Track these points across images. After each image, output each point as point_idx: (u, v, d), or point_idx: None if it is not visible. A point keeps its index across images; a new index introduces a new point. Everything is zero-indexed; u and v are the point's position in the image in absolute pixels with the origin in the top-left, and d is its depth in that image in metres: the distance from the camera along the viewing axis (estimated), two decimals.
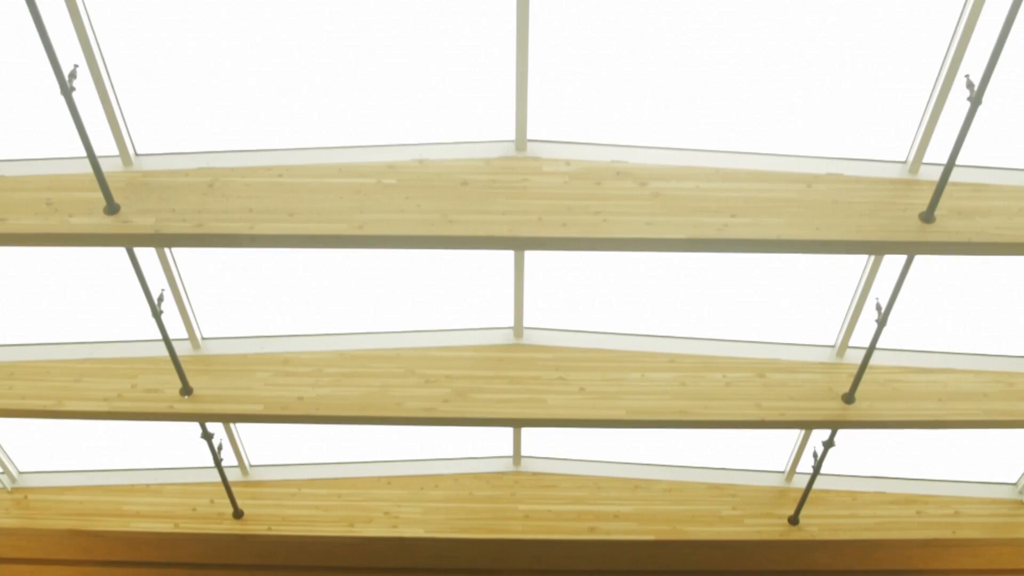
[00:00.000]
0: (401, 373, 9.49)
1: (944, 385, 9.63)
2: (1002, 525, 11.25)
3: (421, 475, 11.32)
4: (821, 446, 10.27)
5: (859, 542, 11.27)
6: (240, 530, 11.07)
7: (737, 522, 11.14)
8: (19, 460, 11.45)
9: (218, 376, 9.61)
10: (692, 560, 11.69)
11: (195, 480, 11.40)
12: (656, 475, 11.32)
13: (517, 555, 11.55)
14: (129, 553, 11.94)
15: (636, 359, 9.60)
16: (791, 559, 11.72)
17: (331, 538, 11.10)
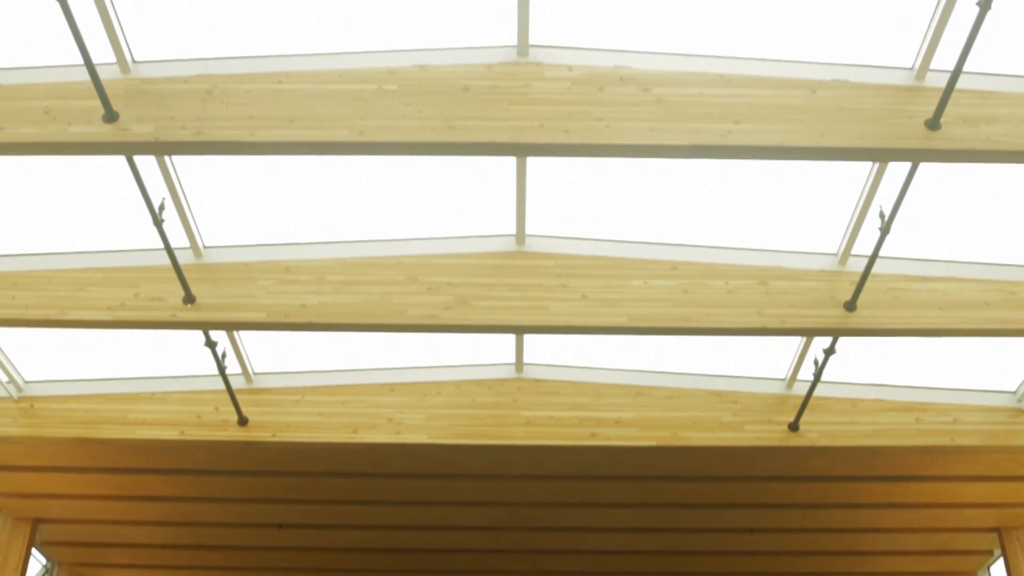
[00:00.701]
0: (403, 280, 9.49)
1: (945, 293, 9.62)
2: (1000, 432, 11.31)
3: (424, 382, 11.37)
4: (822, 353, 10.29)
5: (858, 449, 11.35)
6: (244, 437, 11.16)
7: (737, 428, 11.21)
8: (25, 370, 11.50)
9: (220, 284, 9.61)
10: (692, 466, 11.81)
11: (199, 388, 11.45)
12: (657, 382, 11.37)
13: (519, 461, 11.66)
14: (135, 460, 12.05)
15: (638, 266, 9.59)
16: (791, 465, 11.83)
17: (334, 444, 11.20)
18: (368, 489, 12.68)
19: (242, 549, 14.57)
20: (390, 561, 14.68)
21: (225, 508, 13.37)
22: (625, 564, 14.66)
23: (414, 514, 13.34)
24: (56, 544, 14.61)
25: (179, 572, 15.43)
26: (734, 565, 14.62)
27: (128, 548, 14.71)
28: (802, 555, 14.44)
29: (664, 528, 13.62)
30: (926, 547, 14.19)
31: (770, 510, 13.05)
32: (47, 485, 12.78)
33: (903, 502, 12.85)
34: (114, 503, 13.25)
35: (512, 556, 14.48)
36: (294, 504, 13.12)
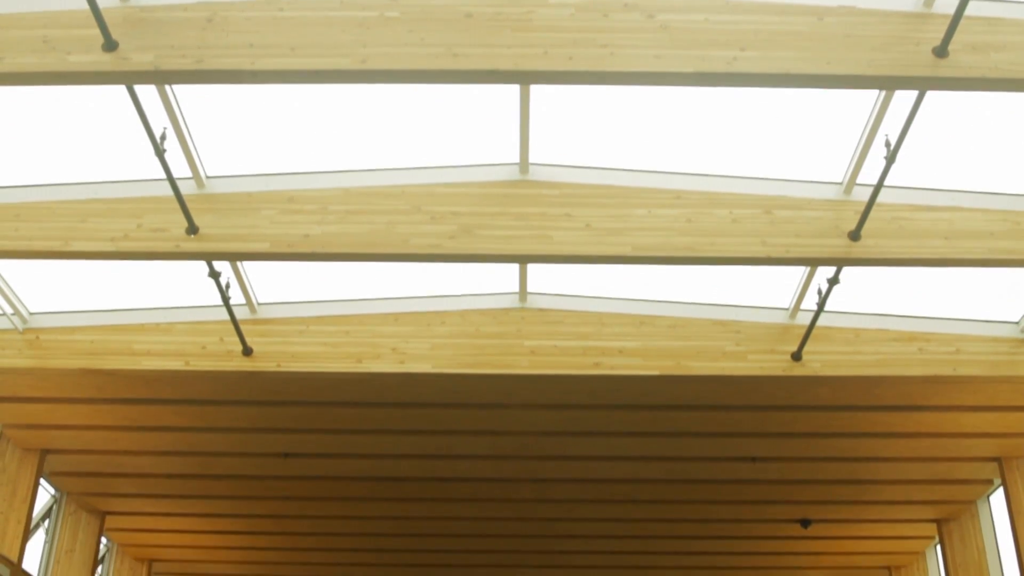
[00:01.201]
0: (407, 210, 9.46)
1: (950, 223, 9.58)
2: (1003, 363, 11.33)
3: (428, 311, 11.38)
4: (826, 283, 10.29)
5: (861, 378, 11.38)
6: (249, 367, 11.21)
7: (740, 358, 11.23)
8: (29, 301, 11.52)
9: (223, 215, 9.58)
10: (695, 395, 11.86)
11: (204, 319, 11.47)
12: (661, 311, 11.38)
13: (523, 390, 11.71)
14: (140, 391, 12.11)
15: (642, 195, 9.55)
16: (793, 395, 11.87)
17: (339, 374, 11.24)
18: (373, 418, 12.76)
19: (248, 478, 14.70)
20: (395, 490, 14.81)
21: (231, 438, 13.47)
22: (628, 492, 14.79)
23: (419, 443, 13.43)
24: (64, 475, 14.74)
25: (186, 501, 15.58)
26: (736, 493, 14.74)
27: (135, 478, 14.83)
28: (804, 484, 14.55)
29: (667, 457, 13.72)
30: (927, 476, 14.28)
31: (772, 439, 13.13)
32: (54, 416, 12.86)
33: (905, 431, 12.91)
34: (121, 433, 13.34)
35: (516, 484, 14.60)
36: (299, 433, 13.21)
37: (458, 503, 15.30)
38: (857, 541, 16.64)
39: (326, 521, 16.18)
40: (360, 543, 17.09)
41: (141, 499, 15.67)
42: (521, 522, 15.90)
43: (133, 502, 15.78)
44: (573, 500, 15.08)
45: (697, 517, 15.67)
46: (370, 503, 15.40)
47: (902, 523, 16.00)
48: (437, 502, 15.25)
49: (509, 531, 16.30)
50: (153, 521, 16.48)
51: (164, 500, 15.60)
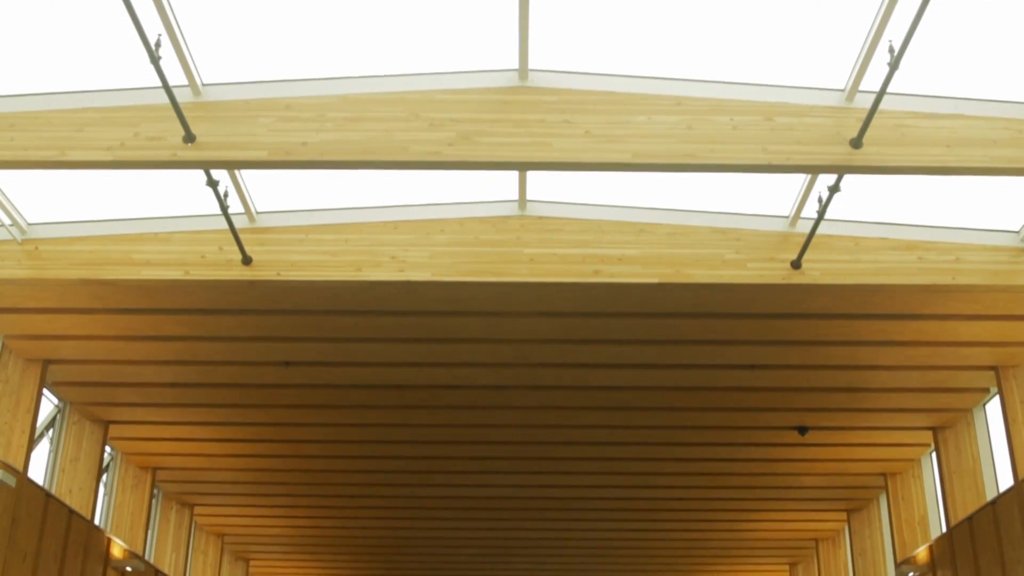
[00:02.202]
0: (405, 117, 9.39)
1: (953, 131, 9.52)
2: (1002, 272, 11.34)
3: (427, 219, 11.35)
4: (826, 191, 10.25)
5: (860, 287, 11.40)
6: (249, 276, 11.22)
7: (740, 266, 11.24)
8: (28, 212, 11.49)
9: (220, 123, 9.52)
10: (695, 303, 11.88)
11: (203, 228, 11.45)
12: (661, 219, 11.36)
13: (522, 298, 11.72)
14: (141, 300, 12.13)
15: (642, 102, 9.47)
16: (793, 303, 11.90)
17: (339, 283, 11.26)
18: (373, 327, 12.80)
19: (249, 387, 14.79)
20: (395, 397, 14.91)
21: (232, 346, 13.53)
22: (627, 400, 14.89)
23: (418, 351, 13.49)
24: (67, 384, 14.84)
25: (188, 410, 15.70)
26: (735, 400, 14.85)
27: (137, 387, 14.93)
28: (802, 391, 14.65)
29: (666, 364, 13.79)
30: (924, 384, 14.37)
31: (771, 347, 13.19)
32: (55, 326, 12.91)
33: (903, 340, 12.96)
34: (122, 343, 13.40)
35: (516, 392, 14.70)
36: (300, 342, 13.26)
37: (457, 410, 15.42)
38: (853, 448, 16.81)
39: (327, 428, 16.33)
40: (361, 450, 17.28)
41: (144, 408, 15.79)
42: (520, 429, 16.04)
43: (136, 411, 15.91)
44: (572, 407, 15.19)
45: (695, 424, 15.81)
46: (370, 411, 15.53)
47: (898, 430, 16.15)
48: (436, 409, 15.36)
49: (508, 438, 16.45)
50: (156, 430, 16.63)
51: (167, 409, 15.72)
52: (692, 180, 11.00)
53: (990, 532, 13.61)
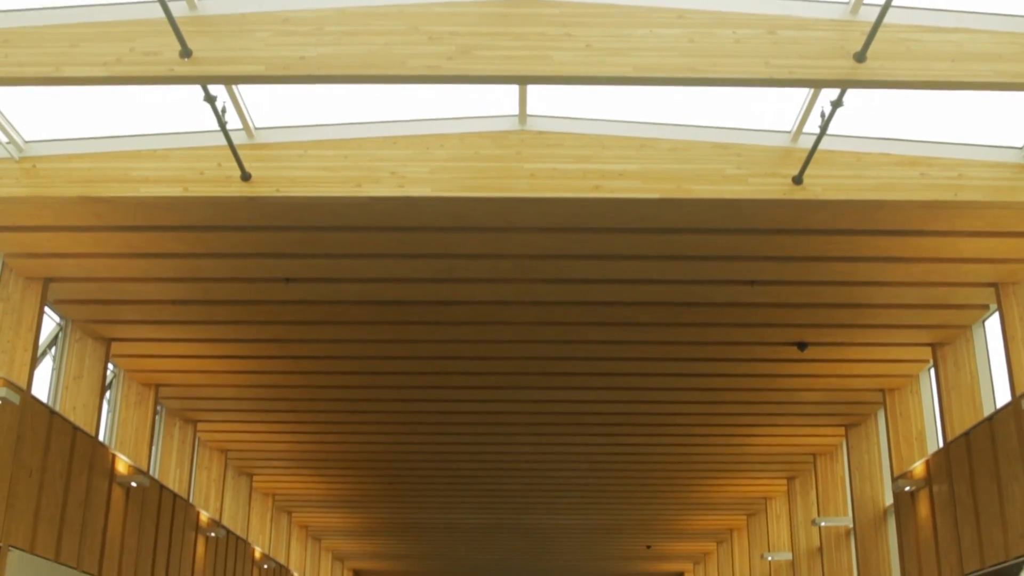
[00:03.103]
0: (404, 30, 9.28)
1: (958, 45, 9.43)
2: (1004, 188, 11.30)
3: (427, 135, 11.28)
4: (829, 106, 10.17)
5: (862, 203, 11.37)
6: (248, 192, 11.18)
7: (741, 181, 11.20)
8: (24, 130, 11.41)
9: (217, 37, 9.42)
10: (696, 218, 11.85)
11: (201, 144, 11.39)
12: (662, 134, 11.28)
13: (523, 213, 11.69)
14: (140, 218, 12.11)
15: (643, 15, 9.36)
16: (794, 219, 11.87)
17: (338, 199, 11.23)
18: (373, 243, 12.79)
19: (250, 303, 14.81)
20: (396, 313, 14.95)
21: (232, 263, 13.53)
22: (627, 315, 14.92)
23: (418, 267, 13.49)
24: (68, 303, 14.87)
25: (190, 327, 15.75)
26: (734, 316, 14.88)
27: (139, 305, 14.96)
28: (801, 307, 14.68)
29: (666, 280, 13.79)
30: (924, 301, 14.40)
31: (771, 262, 13.18)
32: (55, 244, 12.90)
33: (903, 256, 12.96)
34: (122, 261, 13.40)
35: (516, 308, 14.72)
36: (300, 258, 13.26)
37: (458, 326, 15.45)
38: (852, 364, 16.89)
39: (328, 345, 16.39)
40: (361, 366, 17.36)
41: (145, 325, 15.84)
42: (520, 344, 16.10)
43: (138, 328, 15.96)
44: (572, 323, 15.23)
45: (695, 340, 15.87)
46: (371, 327, 15.57)
47: (897, 347, 16.22)
48: (437, 325, 15.40)
49: (508, 353, 16.52)
50: (158, 347, 16.71)
51: (168, 326, 15.77)
52: (694, 94, 10.90)
53: (986, 448, 13.72)
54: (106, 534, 15.48)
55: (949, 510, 14.90)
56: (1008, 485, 13.08)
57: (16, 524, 12.69)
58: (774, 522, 25.57)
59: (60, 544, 13.87)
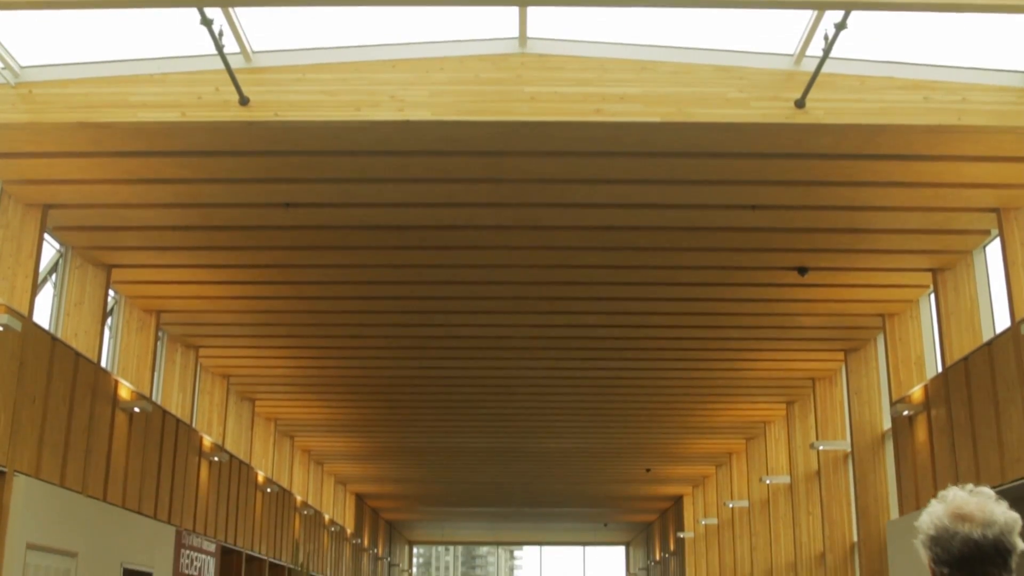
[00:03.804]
0: None
1: None
2: (1008, 112, 11.22)
3: (426, 58, 11.18)
4: (832, 28, 10.05)
5: (864, 127, 11.31)
6: (247, 117, 11.11)
7: (743, 105, 11.12)
8: (20, 55, 11.30)
9: None
10: (697, 142, 11.79)
11: (199, 68, 11.29)
12: (663, 57, 11.18)
13: (523, 137, 11.63)
14: (138, 143, 12.04)
15: None
16: (796, 143, 11.81)
17: (338, 123, 11.16)
18: (373, 167, 12.74)
19: (250, 228, 14.79)
20: (396, 238, 14.92)
21: (232, 189, 13.49)
22: (628, 240, 14.90)
23: (418, 191, 13.45)
24: (68, 229, 14.83)
25: (190, 253, 15.74)
26: (735, 241, 14.86)
27: (139, 231, 14.94)
28: (802, 232, 14.65)
29: (667, 204, 13.76)
30: (925, 226, 14.37)
31: (772, 187, 13.14)
32: (53, 171, 12.85)
33: (905, 181, 12.91)
34: (122, 186, 13.36)
35: (516, 232, 14.69)
36: (300, 183, 13.21)
37: (458, 250, 15.44)
38: (852, 289, 16.90)
39: (328, 270, 16.40)
40: (362, 291, 17.38)
41: (146, 251, 15.84)
42: (520, 269, 16.10)
43: (138, 255, 15.96)
44: (572, 247, 15.21)
45: (695, 264, 15.86)
46: (371, 251, 15.57)
47: (897, 272, 16.22)
48: (437, 250, 15.38)
49: (509, 278, 16.52)
50: (159, 273, 16.72)
51: (168, 252, 15.77)
52: (696, 16, 10.78)
53: (985, 373, 13.78)
54: (110, 459, 15.62)
55: (946, 434, 15.01)
56: (1006, 410, 13.16)
57: (21, 450, 12.80)
58: (773, 446, 25.77)
59: (65, 469, 14.00)
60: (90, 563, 14.41)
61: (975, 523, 3.12)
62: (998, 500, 3.20)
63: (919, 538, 3.24)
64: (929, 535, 3.19)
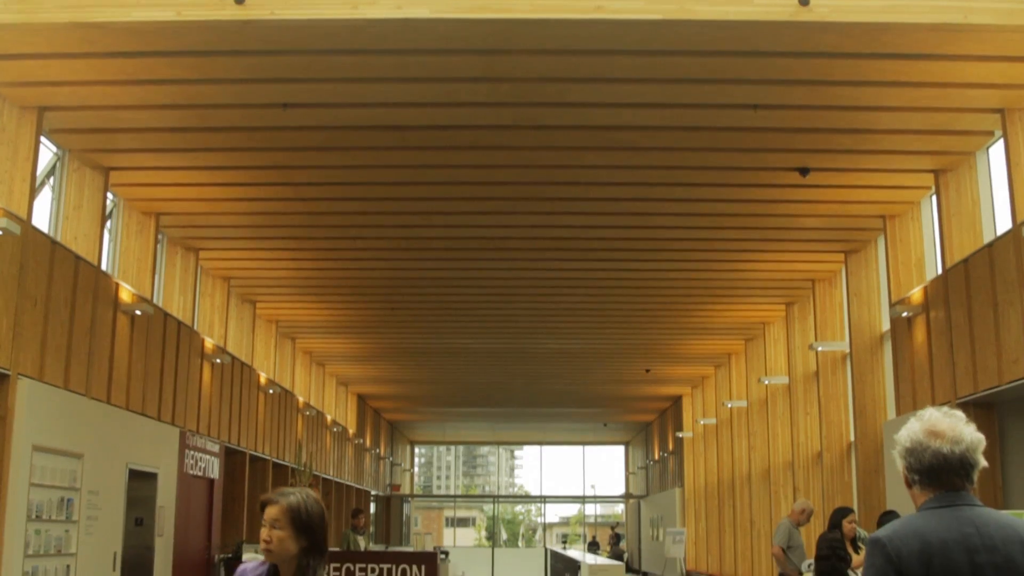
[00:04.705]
0: None
1: None
2: (1015, 12, 11.04)
3: None
4: None
5: (868, 25, 11.15)
6: (243, 16, 10.92)
7: (746, 2, 10.93)
8: None
9: None
10: (698, 40, 11.62)
11: None
12: None
13: (523, 35, 11.46)
14: (133, 43, 11.88)
15: None
16: (798, 41, 11.64)
17: (335, 21, 10.98)
18: (371, 67, 12.60)
19: (248, 129, 14.67)
20: (395, 138, 14.82)
21: (229, 89, 13.35)
22: (629, 139, 14.80)
23: (418, 91, 13.31)
24: (64, 132, 14.71)
25: (188, 155, 15.64)
26: (737, 141, 14.76)
27: (136, 133, 14.83)
28: (804, 132, 14.55)
29: (668, 103, 13.63)
30: (928, 126, 14.26)
31: (775, 86, 13.01)
32: (48, 72, 12.70)
33: (909, 80, 12.77)
34: (117, 88, 13.22)
35: (516, 132, 14.57)
36: (297, 83, 13.07)
37: (458, 151, 15.34)
38: (854, 190, 16.84)
39: (327, 171, 16.31)
40: (362, 192, 17.28)
41: (144, 154, 15.74)
42: (520, 169, 16.01)
43: (136, 157, 15.87)
44: (573, 147, 15.11)
45: (697, 164, 15.77)
46: (370, 152, 15.48)
47: (900, 173, 16.14)
48: (436, 150, 15.28)
49: (509, 178, 16.44)
50: (157, 175, 16.63)
51: (167, 154, 15.67)
52: None
53: (984, 274, 13.80)
54: (113, 362, 15.72)
55: (945, 336, 15.08)
56: (1004, 311, 13.21)
57: (24, 353, 12.88)
58: (771, 347, 25.93)
59: (68, 372, 14.11)
60: (96, 464, 14.60)
61: (945, 440, 3.67)
62: (968, 422, 3.73)
63: (896, 449, 3.79)
64: (905, 447, 3.75)
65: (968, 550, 3.54)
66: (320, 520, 4.72)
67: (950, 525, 3.61)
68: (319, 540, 4.71)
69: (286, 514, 4.65)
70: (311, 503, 4.71)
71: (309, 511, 4.68)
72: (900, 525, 3.70)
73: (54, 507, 13.36)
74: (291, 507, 4.66)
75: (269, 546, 4.64)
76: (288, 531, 4.63)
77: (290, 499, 4.69)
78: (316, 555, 4.69)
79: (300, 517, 4.65)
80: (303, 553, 4.67)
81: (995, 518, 3.66)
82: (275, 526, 4.64)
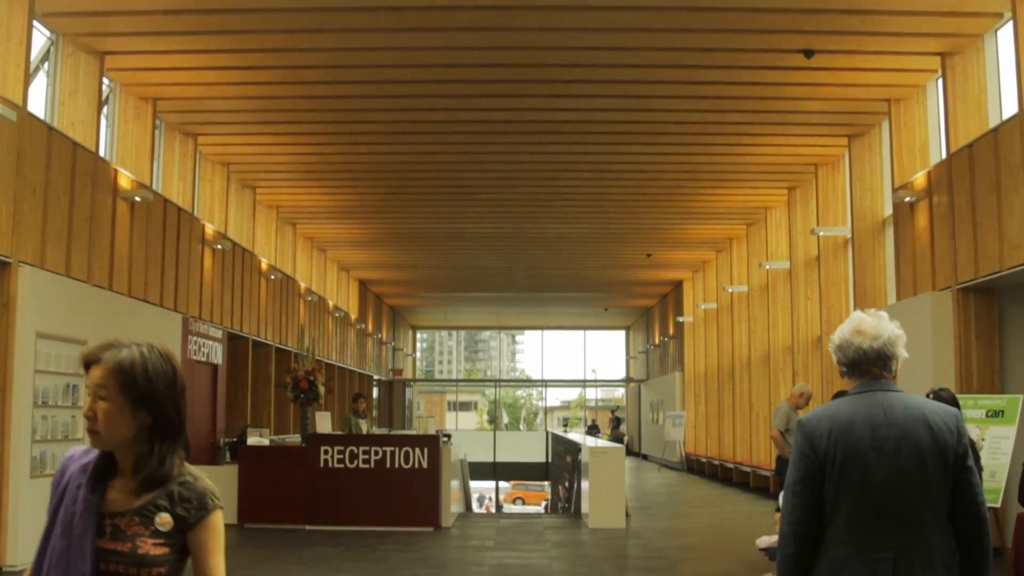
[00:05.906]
0: None
1: None
2: None
3: None
4: None
5: None
6: None
7: None
8: None
9: None
10: None
11: None
12: None
13: None
14: None
15: None
16: None
17: None
18: None
19: (245, 11, 14.34)
20: (395, 20, 14.44)
21: None
22: (630, 20, 14.51)
23: None
24: (58, 15, 14.46)
25: (185, 38, 15.37)
26: (740, 22, 14.24)
27: (130, 16, 14.56)
28: (809, 13, 14.21)
29: None
30: (935, 7, 14.01)
31: None
32: None
33: None
34: None
35: (517, 13, 14.10)
36: None
37: (458, 32, 15.05)
38: (859, 73, 16.60)
39: (326, 53, 16.06)
40: (361, 75, 17.05)
41: (139, 37, 15.49)
42: (522, 51, 15.76)
43: (132, 41, 15.61)
44: (575, 29, 14.84)
45: (700, 46, 15.51)
46: (369, 34, 15.22)
47: (905, 55, 15.90)
48: (437, 32, 15.01)
49: (510, 60, 16.18)
50: (154, 59, 16.39)
51: (163, 38, 15.41)
52: None
53: (988, 159, 13.70)
54: (114, 249, 15.72)
55: (947, 221, 15.04)
56: (1008, 197, 13.15)
57: (24, 240, 12.86)
58: (773, 231, 25.89)
59: (69, 259, 14.11)
60: None
61: (866, 336, 4.22)
62: (891, 320, 4.27)
63: (830, 346, 4.34)
64: (836, 344, 4.30)
65: (872, 426, 4.07)
66: (169, 385, 3.25)
67: (859, 406, 4.14)
68: (169, 415, 3.23)
69: (114, 377, 3.20)
70: (154, 360, 3.25)
71: (150, 372, 3.22)
72: (822, 408, 4.26)
73: (59, 393, 13.49)
74: (121, 367, 3.21)
75: (93, 425, 3.19)
76: (118, 402, 3.17)
77: (120, 354, 3.23)
78: (166, 437, 3.23)
79: (135, 381, 3.19)
80: (144, 435, 3.21)
81: (903, 400, 4.16)
82: (99, 395, 3.19)
